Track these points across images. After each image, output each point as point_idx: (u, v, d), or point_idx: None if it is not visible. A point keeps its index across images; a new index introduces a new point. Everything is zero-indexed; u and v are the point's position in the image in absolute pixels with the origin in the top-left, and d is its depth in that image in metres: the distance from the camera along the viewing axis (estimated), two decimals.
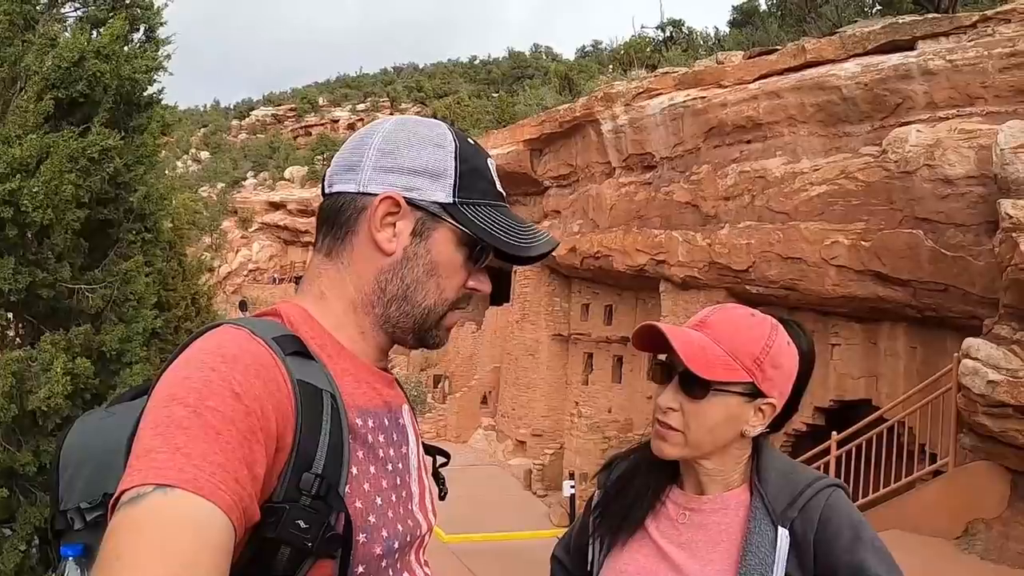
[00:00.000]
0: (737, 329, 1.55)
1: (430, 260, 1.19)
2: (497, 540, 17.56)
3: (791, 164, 14.74)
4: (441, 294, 1.20)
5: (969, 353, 9.04)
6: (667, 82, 18.78)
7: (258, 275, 58.12)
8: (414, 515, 1.18)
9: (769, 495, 1.53)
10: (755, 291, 16.02)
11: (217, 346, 1.01)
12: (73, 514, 1.09)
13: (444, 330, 1.25)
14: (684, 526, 1.58)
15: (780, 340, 1.56)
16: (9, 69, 6.14)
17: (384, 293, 1.19)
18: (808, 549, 1.46)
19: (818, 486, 1.52)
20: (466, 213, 1.20)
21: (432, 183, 1.19)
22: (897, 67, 12.55)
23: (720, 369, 1.50)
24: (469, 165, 1.22)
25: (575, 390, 25.82)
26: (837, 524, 1.47)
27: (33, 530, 6.20)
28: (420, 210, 1.18)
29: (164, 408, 0.93)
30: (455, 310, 1.24)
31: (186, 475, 0.87)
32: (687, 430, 1.53)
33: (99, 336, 6.75)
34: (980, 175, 10.80)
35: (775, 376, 1.54)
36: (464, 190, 1.20)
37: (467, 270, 1.22)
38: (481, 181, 1.23)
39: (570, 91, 31.56)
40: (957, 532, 8.90)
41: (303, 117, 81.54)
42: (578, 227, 22.78)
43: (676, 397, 1.54)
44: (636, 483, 1.66)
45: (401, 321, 1.20)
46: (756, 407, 1.55)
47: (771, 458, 1.61)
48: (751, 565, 1.46)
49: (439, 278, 1.20)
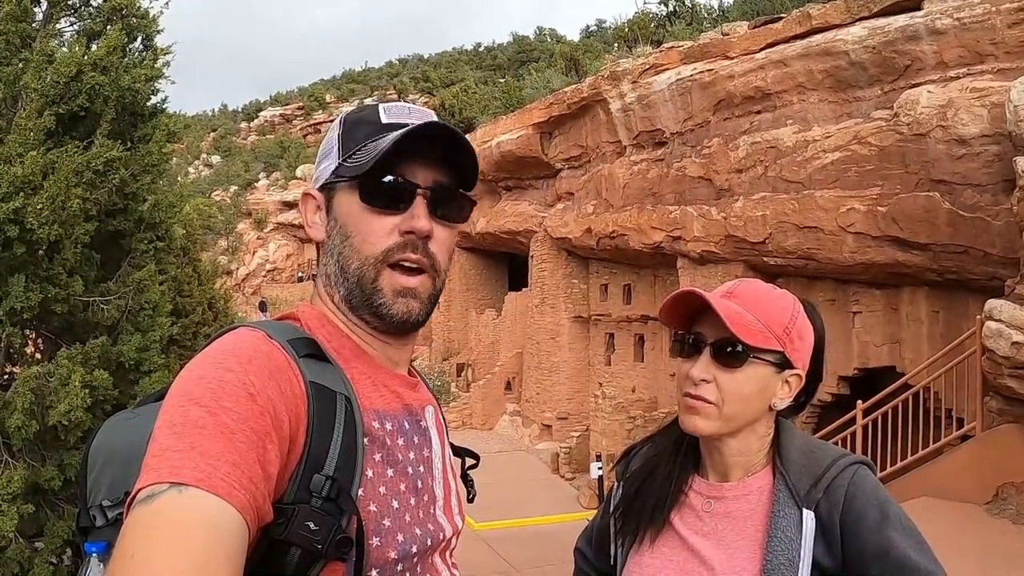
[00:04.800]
0: (766, 299, 1.55)
1: (340, 225, 1.19)
2: (528, 525, 17.60)
3: (802, 132, 14.59)
4: (360, 253, 1.16)
5: (992, 315, 8.93)
6: (673, 57, 18.64)
7: (276, 275, 58.36)
8: (436, 519, 1.17)
9: (792, 477, 1.50)
10: (773, 263, 15.91)
11: (233, 347, 1.02)
12: (96, 511, 1.12)
13: (390, 296, 1.16)
14: (708, 515, 1.55)
15: (802, 313, 1.57)
16: (8, 88, 6.16)
17: (329, 278, 1.20)
18: (835, 531, 1.43)
19: (841, 464, 1.48)
20: (347, 164, 1.18)
21: (326, 160, 1.22)
22: (904, 28, 12.37)
23: (759, 335, 1.49)
24: (351, 123, 1.22)
25: (598, 371, 25.79)
26: (863, 503, 1.43)
27: (63, 543, 6.26)
28: (325, 188, 1.22)
29: (180, 407, 0.94)
30: (395, 269, 1.16)
31: (201, 474, 0.88)
32: (721, 403, 1.50)
33: (116, 347, 6.80)
34: (994, 133, 10.64)
35: (801, 347, 1.54)
36: (346, 148, 1.19)
37: (379, 214, 1.16)
38: (362, 128, 1.20)
39: (576, 72, 31.41)
40: (987, 497, 8.81)
41: (311, 115, 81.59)
42: (592, 208, 22.69)
43: (709, 368, 1.51)
44: (658, 478, 1.62)
45: (351, 299, 1.18)
46: (784, 379, 1.54)
47: (791, 437, 1.58)
48: (777, 551, 1.43)
49: (351, 238, 1.17)
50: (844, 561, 1.43)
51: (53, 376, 6.09)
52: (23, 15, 6.57)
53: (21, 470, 6.03)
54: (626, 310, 24.52)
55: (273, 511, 0.96)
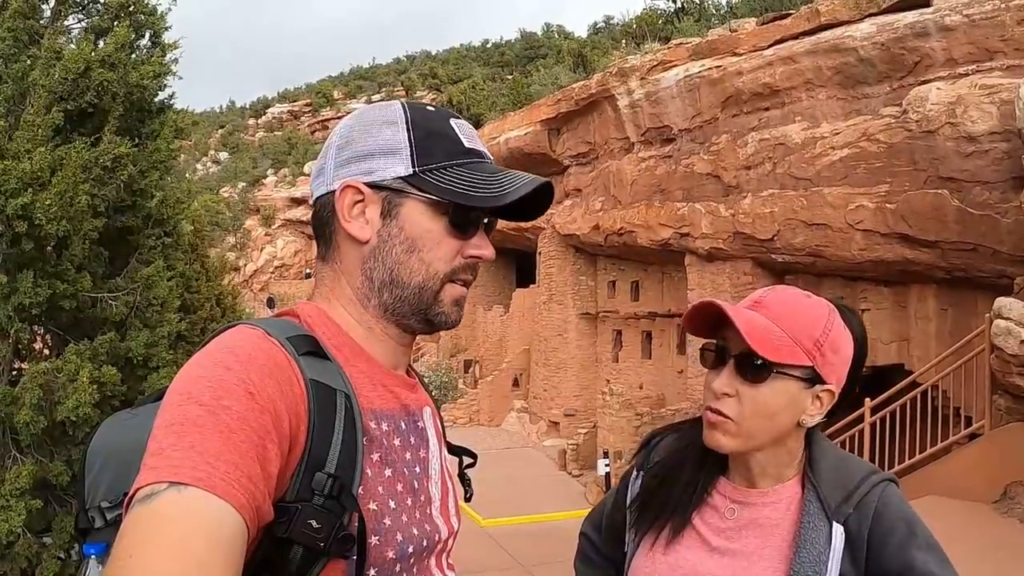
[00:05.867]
0: (796, 310, 1.46)
1: (406, 236, 1.15)
2: (535, 521, 17.62)
3: (811, 129, 14.55)
4: (428, 268, 1.16)
5: (1001, 313, 8.89)
6: (681, 53, 18.60)
7: (284, 271, 58.44)
8: (433, 520, 1.16)
9: (823, 490, 1.46)
10: (781, 260, 15.88)
11: (231, 345, 1.01)
12: (95, 513, 1.11)
13: (449, 305, 1.19)
14: (733, 520, 1.51)
15: (838, 324, 1.48)
16: (17, 84, 6.17)
17: (373, 282, 1.17)
18: (862, 546, 1.41)
19: (872, 480, 1.46)
20: (430, 179, 1.15)
21: (389, 160, 1.16)
22: (913, 25, 12.32)
23: (783, 350, 1.41)
24: (425, 131, 1.18)
25: (605, 368, 25.78)
26: (891, 520, 1.41)
27: (71, 538, 6.28)
28: (384, 190, 1.16)
29: (179, 407, 0.93)
30: (455, 283, 1.19)
31: (200, 473, 0.87)
32: (741, 419, 1.44)
33: (124, 343, 6.81)
34: (1004, 131, 10.59)
35: (835, 361, 1.46)
36: (424, 157, 1.16)
37: (455, 238, 1.17)
38: (442, 142, 1.18)
39: (584, 68, 31.39)
40: (996, 495, 8.76)
41: (319, 111, 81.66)
42: (600, 204, 22.68)
43: (731, 382, 1.45)
44: (683, 477, 1.57)
45: (398, 307, 1.17)
46: (814, 394, 1.46)
47: (823, 449, 1.53)
48: (805, 562, 1.40)
49: (421, 252, 1.15)
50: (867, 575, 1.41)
51: (61, 372, 6.11)
52: (31, 12, 6.59)
53: (29, 466, 6.05)
54: (634, 307, 24.50)
55: (275, 510, 0.95)
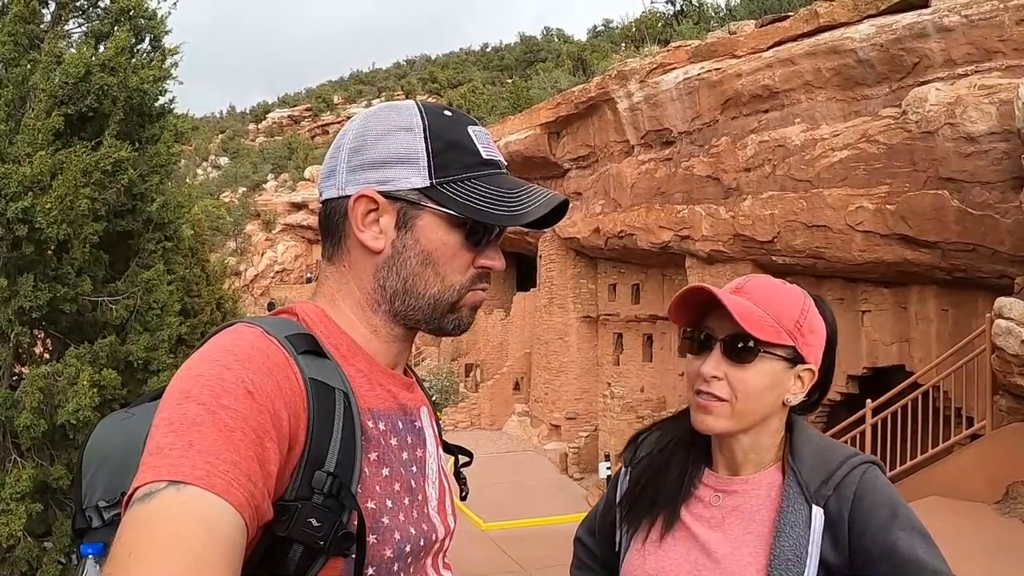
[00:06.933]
0: (775, 294, 1.53)
1: (421, 249, 1.14)
2: (537, 525, 17.60)
3: (810, 131, 14.56)
4: (443, 281, 1.16)
5: (1002, 313, 8.88)
6: (680, 56, 18.61)
7: (284, 276, 58.46)
8: (430, 519, 1.17)
9: (804, 473, 1.49)
10: (781, 261, 15.87)
11: (230, 344, 1.01)
12: (92, 513, 1.11)
13: (464, 313, 1.20)
14: (717, 508, 1.55)
15: (813, 307, 1.56)
16: (17, 89, 6.18)
17: (385, 290, 1.16)
18: (843, 527, 1.43)
19: (853, 462, 1.48)
20: (447, 192, 1.13)
21: (406, 170, 1.14)
22: (912, 26, 12.33)
23: (769, 330, 1.48)
24: (444, 141, 1.15)
25: (606, 371, 25.77)
26: (872, 502, 1.43)
27: (71, 542, 6.28)
28: (400, 201, 1.14)
29: (178, 406, 0.93)
30: (472, 291, 1.19)
31: (199, 472, 0.87)
32: (733, 399, 1.49)
33: (125, 346, 6.81)
34: (1003, 131, 10.60)
35: (812, 341, 1.53)
36: (441, 169, 1.14)
37: (469, 251, 1.16)
38: (461, 154, 1.16)
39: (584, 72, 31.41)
40: (997, 496, 8.74)
41: (319, 116, 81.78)
42: (600, 207, 22.68)
43: (720, 365, 1.50)
44: (670, 471, 1.61)
45: (410, 314, 1.17)
46: (796, 374, 1.52)
47: (805, 435, 1.58)
48: (785, 546, 1.43)
49: (436, 265, 1.15)
50: (851, 558, 1.43)
51: (62, 375, 6.11)
52: (31, 16, 6.60)
53: (30, 469, 6.05)
54: (635, 309, 24.50)
55: (274, 509, 0.95)
